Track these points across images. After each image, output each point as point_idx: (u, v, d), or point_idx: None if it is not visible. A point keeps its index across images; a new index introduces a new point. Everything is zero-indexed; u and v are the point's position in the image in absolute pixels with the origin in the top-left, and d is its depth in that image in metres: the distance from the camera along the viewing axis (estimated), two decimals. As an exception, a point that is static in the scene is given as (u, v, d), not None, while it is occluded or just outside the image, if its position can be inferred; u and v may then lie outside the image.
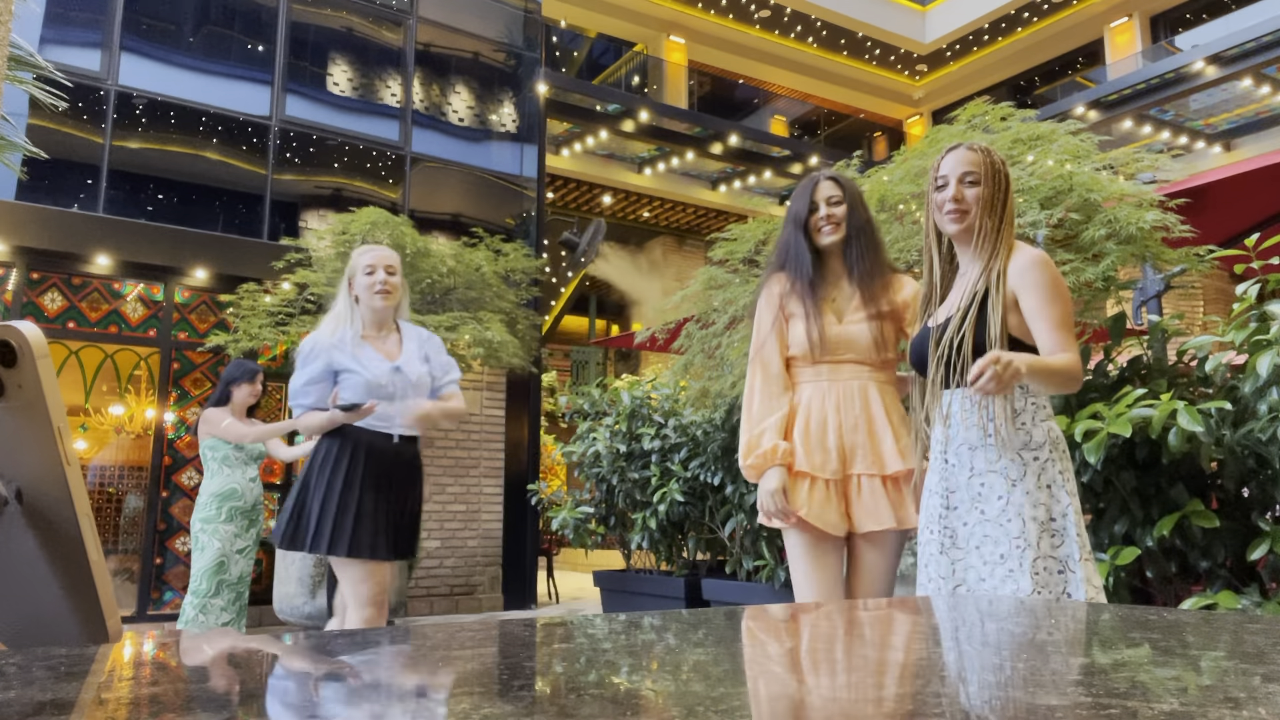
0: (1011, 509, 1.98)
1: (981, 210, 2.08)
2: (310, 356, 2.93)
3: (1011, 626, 0.93)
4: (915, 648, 0.80)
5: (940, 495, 2.09)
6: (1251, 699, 0.53)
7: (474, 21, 9.09)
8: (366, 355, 2.95)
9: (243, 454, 4.59)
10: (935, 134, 4.03)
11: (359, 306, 3.01)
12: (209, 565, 4.40)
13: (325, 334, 2.97)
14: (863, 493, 2.27)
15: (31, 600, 0.84)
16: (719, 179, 12.17)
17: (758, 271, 4.32)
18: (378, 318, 3.03)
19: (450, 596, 7.94)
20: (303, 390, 2.92)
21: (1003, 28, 14.35)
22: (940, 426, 2.11)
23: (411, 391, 2.97)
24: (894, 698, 0.57)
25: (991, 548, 1.99)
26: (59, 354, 7.03)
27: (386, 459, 2.92)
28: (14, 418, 0.80)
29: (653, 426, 5.36)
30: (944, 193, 2.10)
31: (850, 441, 2.28)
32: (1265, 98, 9.52)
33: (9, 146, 4.79)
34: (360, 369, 2.90)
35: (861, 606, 1.16)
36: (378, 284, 2.97)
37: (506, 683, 0.62)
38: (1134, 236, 3.29)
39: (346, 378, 2.90)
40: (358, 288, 3.00)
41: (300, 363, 2.96)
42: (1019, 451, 2.00)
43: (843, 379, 2.32)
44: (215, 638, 1.68)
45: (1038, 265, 2.02)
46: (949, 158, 2.13)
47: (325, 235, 6.95)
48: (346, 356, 2.92)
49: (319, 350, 2.93)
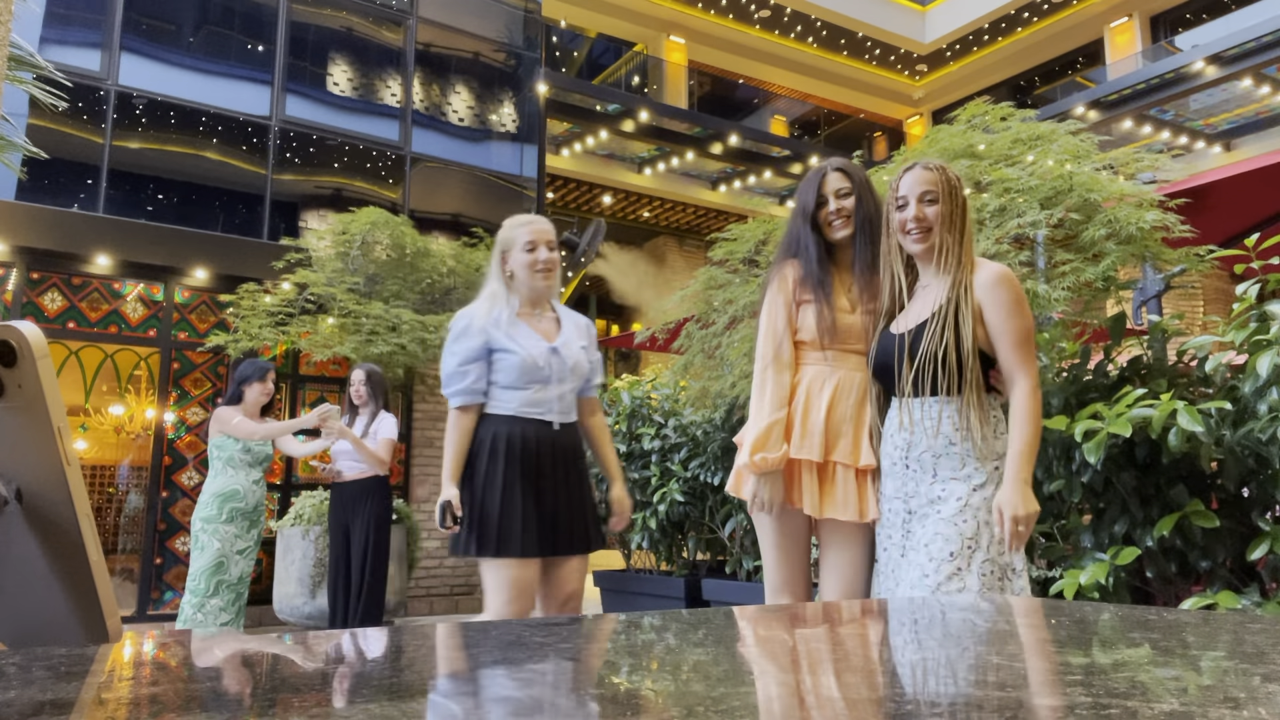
0: (969, 511, 2.03)
1: (942, 227, 2.13)
2: (464, 334, 2.66)
3: (1011, 626, 0.93)
4: (914, 648, 0.80)
5: (902, 500, 2.14)
6: (1251, 699, 0.53)
7: (474, 21, 9.09)
8: (523, 334, 2.68)
9: (249, 455, 4.59)
10: (935, 134, 4.03)
11: (514, 284, 2.73)
12: (208, 565, 4.40)
13: (482, 311, 2.69)
14: (836, 481, 2.29)
15: (31, 600, 0.84)
16: (719, 179, 12.17)
17: (758, 271, 4.32)
18: (535, 296, 2.75)
19: (450, 596, 7.94)
20: (458, 373, 2.64)
21: (1003, 28, 14.35)
22: (903, 432, 2.13)
23: (569, 376, 2.71)
24: (892, 698, 0.57)
25: (942, 545, 2.02)
26: (59, 354, 7.03)
27: (544, 449, 2.65)
28: (14, 418, 0.80)
29: (653, 426, 5.36)
30: (905, 212, 2.15)
31: (836, 429, 2.29)
32: (1265, 98, 9.52)
33: (9, 146, 4.79)
34: (517, 348, 2.64)
35: (852, 606, 1.16)
36: (540, 262, 2.69)
37: (506, 683, 0.62)
38: (1134, 236, 3.29)
39: (501, 359, 2.64)
40: (514, 264, 2.71)
41: (449, 343, 2.67)
42: (981, 460, 2.06)
43: (847, 368, 2.34)
44: (214, 638, 1.68)
45: (1001, 282, 2.09)
46: (906, 178, 2.17)
47: (325, 235, 6.95)
48: (502, 334, 2.65)
49: (475, 327, 2.65)
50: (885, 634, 0.91)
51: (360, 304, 6.36)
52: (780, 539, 2.36)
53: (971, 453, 2.05)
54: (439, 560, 7.91)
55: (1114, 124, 9.79)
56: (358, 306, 6.32)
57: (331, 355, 6.30)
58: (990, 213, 3.41)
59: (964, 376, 2.05)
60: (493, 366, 2.65)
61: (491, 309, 2.68)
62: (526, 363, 2.62)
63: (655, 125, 10.61)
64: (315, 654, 0.74)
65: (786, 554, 2.37)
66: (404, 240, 6.86)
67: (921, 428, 2.09)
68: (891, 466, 2.17)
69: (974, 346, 2.06)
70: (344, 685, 0.63)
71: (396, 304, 6.64)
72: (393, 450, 4.97)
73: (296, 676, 0.66)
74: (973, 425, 2.04)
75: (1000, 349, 2.08)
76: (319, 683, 0.64)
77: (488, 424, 2.65)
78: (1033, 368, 2.07)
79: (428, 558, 7.76)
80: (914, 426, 2.10)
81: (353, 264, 6.78)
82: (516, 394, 2.65)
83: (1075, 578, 2.69)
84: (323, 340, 6.33)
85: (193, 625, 4.39)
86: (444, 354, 2.68)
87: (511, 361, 2.62)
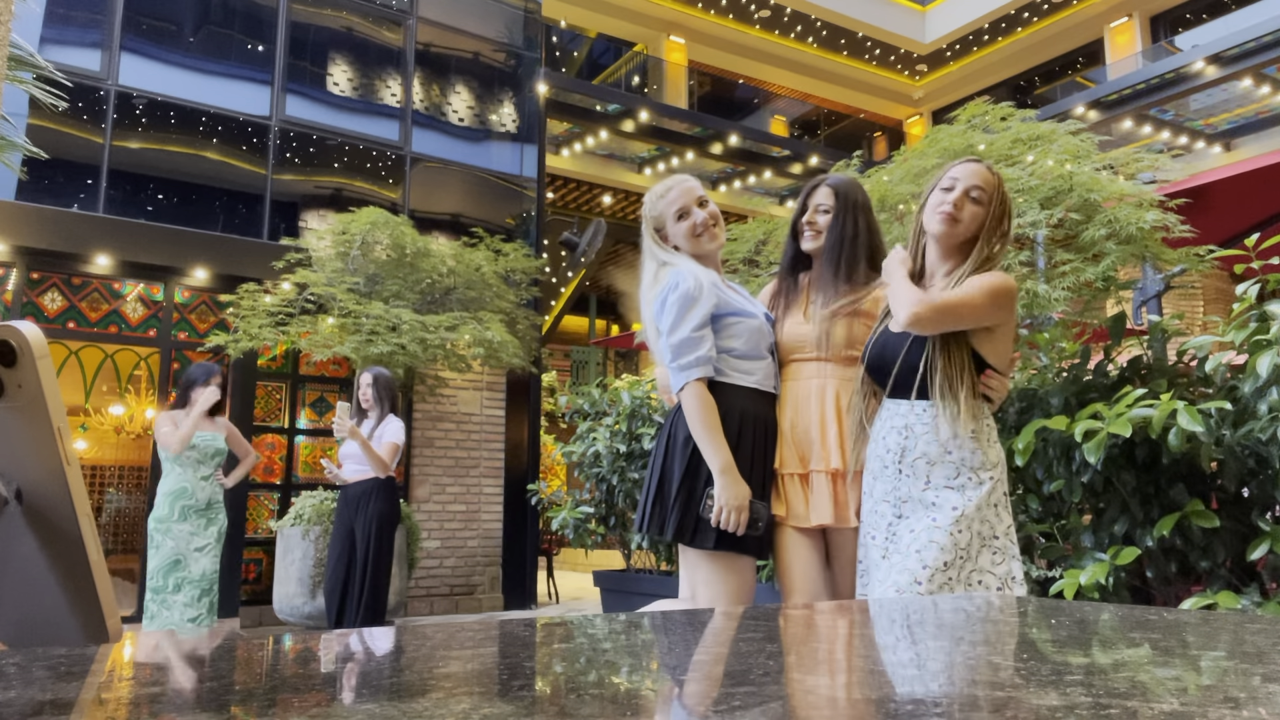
0: (964, 521, 2.01)
1: (971, 227, 2.10)
2: (690, 298, 2.21)
3: (1011, 626, 0.93)
4: (913, 648, 0.80)
5: (892, 504, 2.10)
6: (1251, 699, 0.53)
7: (474, 21, 9.09)
8: (743, 296, 2.33)
9: (194, 453, 4.64)
10: (935, 134, 4.03)
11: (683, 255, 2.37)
12: (164, 563, 4.49)
13: (700, 270, 2.29)
14: (813, 488, 2.28)
15: (32, 600, 0.84)
16: (719, 179, 12.17)
17: (758, 271, 4.32)
18: (712, 263, 2.40)
19: (450, 596, 7.94)
20: (691, 341, 2.19)
21: (1003, 28, 14.35)
22: (896, 435, 2.10)
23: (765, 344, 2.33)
24: (892, 697, 0.57)
25: (936, 554, 1.99)
26: (59, 354, 7.04)
27: (770, 429, 2.28)
28: (14, 418, 0.80)
29: (653, 426, 5.36)
30: (948, 195, 2.11)
31: (805, 439, 2.28)
32: (1265, 98, 9.52)
33: (9, 146, 4.79)
34: (753, 308, 2.30)
35: (849, 607, 1.16)
36: (698, 225, 2.33)
37: (506, 683, 0.62)
38: (1134, 236, 3.29)
39: (735, 324, 2.25)
40: (675, 238, 2.37)
41: (677, 307, 2.22)
42: (975, 470, 2.04)
43: (804, 378, 2.33)
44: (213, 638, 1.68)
45: (993, 274, 2.07)
46: (965, 166, 2.14)
47: (325, 235, 6.95)
48: (727, 295, 2.28)
49: (703, 287, 2.23)
50: (884, 634, 0.91)
51: (360, 304, 6.36)
52: (789, 551, 2.29)
53: (967, 462, 2.03)
54: (439, 560, 7.91)
55: (1114, 124, 9.78)
56: (358, 306, 6.33)
57: (331, 355, 6.31)
58: (990, 213, 3.41)
59: (962, 380, 2.04)
60: (721, 332, 2.24)
61: (704, 271, 2.29)
62: (763, 329, 2.29)
63: (655, 125, 10.61)
64: (315, 654, 0.74)
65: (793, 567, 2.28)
66: (404, 240, 6.86)
67: (915, 432, 2.07)
68: (884, 469, 2.12)
69: (969, 350, 2.05)
70: (344, 685, 0.63)
71: (396, 304, 6.64)
72: (396, 454, 4.98)
73: (296, 676, 0.66)
74: (964, 432, 2.03)
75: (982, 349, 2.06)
76: (319, 683, 0.64)
77: (730, 399, 2.22)
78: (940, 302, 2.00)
79: (428, 558, 7.76)
80: (908, 430, 2.09)
81: (353, 264, 6.79)
82: (758, 365, 2.28)
83: (1075, 578, 2.69)
84: (323, 340, 6.33)
85: (157, 622, 4.42)
86: (665, 320, 2.23)
87: (749, 327, 2.25)
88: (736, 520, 2.12)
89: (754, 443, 2.22)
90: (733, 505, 2.12)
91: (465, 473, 8.22)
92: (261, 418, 7.43)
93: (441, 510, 8.02)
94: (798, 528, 2.29)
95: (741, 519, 2.13)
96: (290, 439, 7.55)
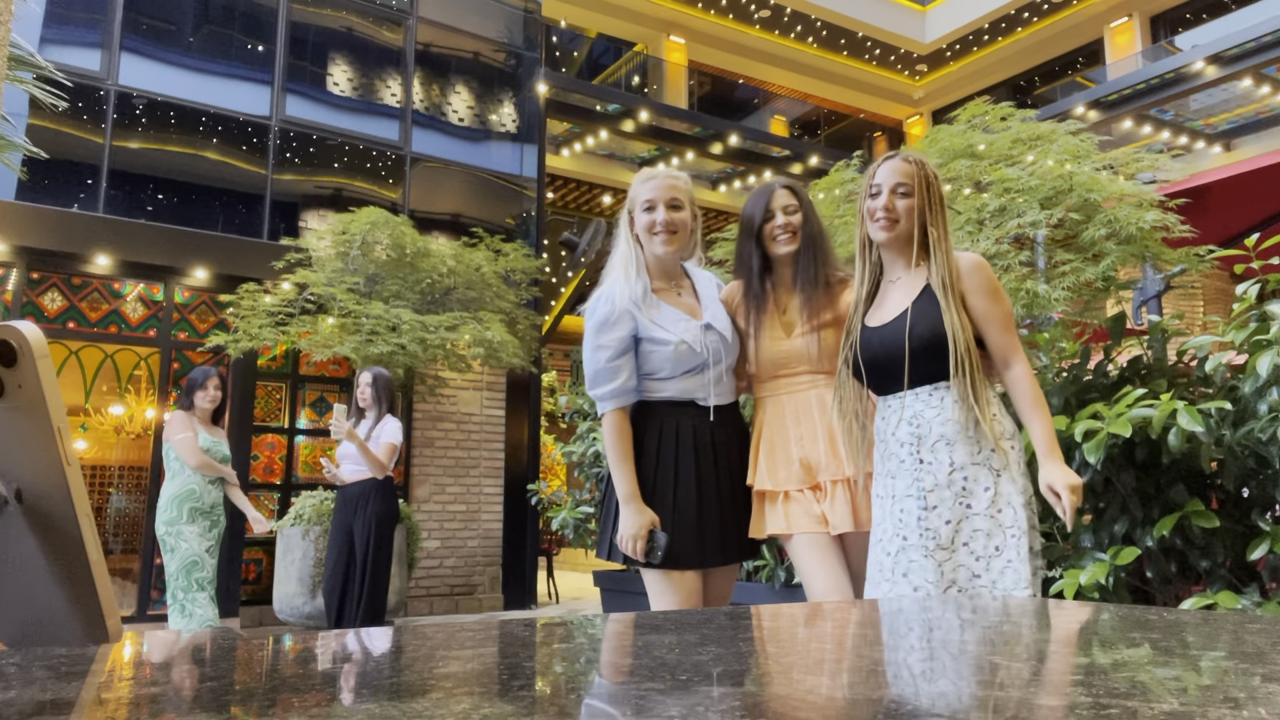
0: (1001, 499, 2.00)
1: (911, 220, 2.12)
2: (607, 325, 2.23)
3: (1011, 626, 0.93)
4: (914, 648, 0.80)
5: (916, 497, 2.05)
6: (1251, 699, 0.53)
7: (474, 21, 9.09)
8: (665, 316, 2.28)
9: (204, 455, 4.64)
10: (935, 134, 4.03)
11: (643, 251, 2.35)
12: (182, 565, 4.49)
13: (620, 289, 2.27)
14: (834, 498, 2.27)
15: (31, 600, 0.84)
16: (719, 179, 12.17)
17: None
18: (663, 266, 2.36)
19: (450, 596, 7.94)
20: (607, 371, 2.22)
21: (1003, 28, 14.35)
22: (907, 426, 2.09)
23: (725, 354, 2.31)
24: (893, 697, 0.57)
25: (984, 541, 1.99)
26: (59, 354, 7.03)
27: (704, 439, 2.28)
28: (14, 418, 0.80)
29: (653, 426, 5.35)
30: (876, 201, 2.14)
31: (812, 452, 2.27)
32: (1265, 98, 9.52)
33: (9, 146, 4.79)
34: (667, 334, 2.24)
35: (861, 607, 1.16)
36: (657, 224, 2.28)
37: (506, 683, 0.62)
38: (1134, 236, 3.29)
39: (652, 351, 2.24)
40: (636, 226, 2.34)
41: (593, 334, 2.25)
42: (999, 440, 2.03)
43: (798, 391, 2.31)
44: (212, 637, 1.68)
45: (979, 268, 2.11)
46: (884, 167, 2.16)
47: (325, 235, 6.95)
48: (646, 319, 2.26)
49: (619, 312, 2.23)
50: (882, 634, 0.91)
51: (360, 304, 6.36)
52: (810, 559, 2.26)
53: (988, 435, 2.02)
54: (439, 560, 7.91)
55: (1114, 124, 9.78)
56: (358, 306, 6.33)
57: (331, 355, 6.31)
58: (990, 213, 3.41)
59: (970, 359, 2.04)
60: (641, 358, 2.26)
61: (627, 284, 2.29)
62: (680, 353, 2.24)
63: (655, 125, 10.61)
64: (315, 654, 0.74)
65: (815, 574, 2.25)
66: (404, 240, 6.86)
67: (926, 418, 2.06)
68: (900, 465, 2.09)
69: (970, 329, 2.07)
70: (344, 685, 0.63)
71: (396, 304, 6.64)
72: (393, 455, 4.98)
73: (297, 676, 0.66)
74: (981, 407, 2.02)
75: (990, 333, 2.08)
76: (319, 683, 0.64)
77: (650, 415, 2.27)
78: (1020, 348, 2.09)
79: (428, 558, 7.76)
80: (918, 418, 2.08)
81: (353, 264, 6.79)
82: (686, 381, 2.29)
83: (1075, 578, 2.69)
84: (323, 340, 6.33)
85: (195, 622, 4.43)
86: (586, 348, 2.28)
87: (663, 354, 2.24)
88: (633, 549, 2.18)
89: (677, 454, 2.24)
90: (629, 534, 2.19)
91: (465, 473, 8.22)
92: (261, 418, 7.43)
93: (441, 510, 8.02)
94: (813, 538, 2.26)
95: (638, 548, 2.18)
96: (290, 439, 7.55)
